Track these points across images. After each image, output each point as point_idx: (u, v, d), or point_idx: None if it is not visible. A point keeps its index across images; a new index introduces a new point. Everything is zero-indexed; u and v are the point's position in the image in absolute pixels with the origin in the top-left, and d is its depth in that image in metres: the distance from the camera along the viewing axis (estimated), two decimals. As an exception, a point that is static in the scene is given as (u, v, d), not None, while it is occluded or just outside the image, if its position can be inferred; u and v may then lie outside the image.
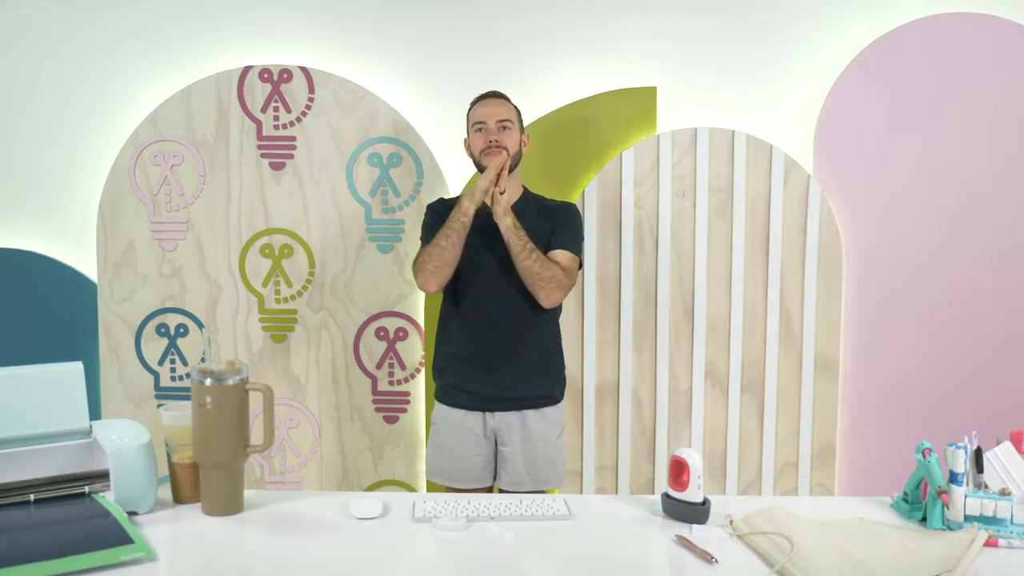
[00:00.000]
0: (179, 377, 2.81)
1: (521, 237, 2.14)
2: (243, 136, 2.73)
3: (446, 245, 2.15)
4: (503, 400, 2.23)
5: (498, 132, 2.25)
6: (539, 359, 2.28)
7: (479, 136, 2.27)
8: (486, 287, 2.24)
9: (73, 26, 2.76)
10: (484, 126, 2.26)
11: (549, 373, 2.31)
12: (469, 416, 2.25)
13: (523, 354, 2.25)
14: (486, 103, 2.30)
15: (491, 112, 2.27)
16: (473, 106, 2.33)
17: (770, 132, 2.71)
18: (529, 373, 2.25)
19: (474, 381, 2.25)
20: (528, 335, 2.26)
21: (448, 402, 2.29)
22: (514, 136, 2.28)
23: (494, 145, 2.23)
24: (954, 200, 2.70)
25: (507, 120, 2.27)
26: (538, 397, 2.26)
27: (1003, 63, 2.64)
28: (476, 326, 2.25)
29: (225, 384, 1.49)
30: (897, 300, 2.73)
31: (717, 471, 2.76)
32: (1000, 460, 1.56)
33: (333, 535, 1.45)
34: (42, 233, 2.80)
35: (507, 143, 2.25)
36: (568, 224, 2.29)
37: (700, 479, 1.52)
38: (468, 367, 2.26)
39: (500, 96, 2.34)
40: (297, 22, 2.75)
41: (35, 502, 1.47)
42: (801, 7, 2.70)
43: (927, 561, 1.33)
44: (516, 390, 2.23)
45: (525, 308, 2.22)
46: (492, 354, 2.23)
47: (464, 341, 2.26)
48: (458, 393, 2.27)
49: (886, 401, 2.74)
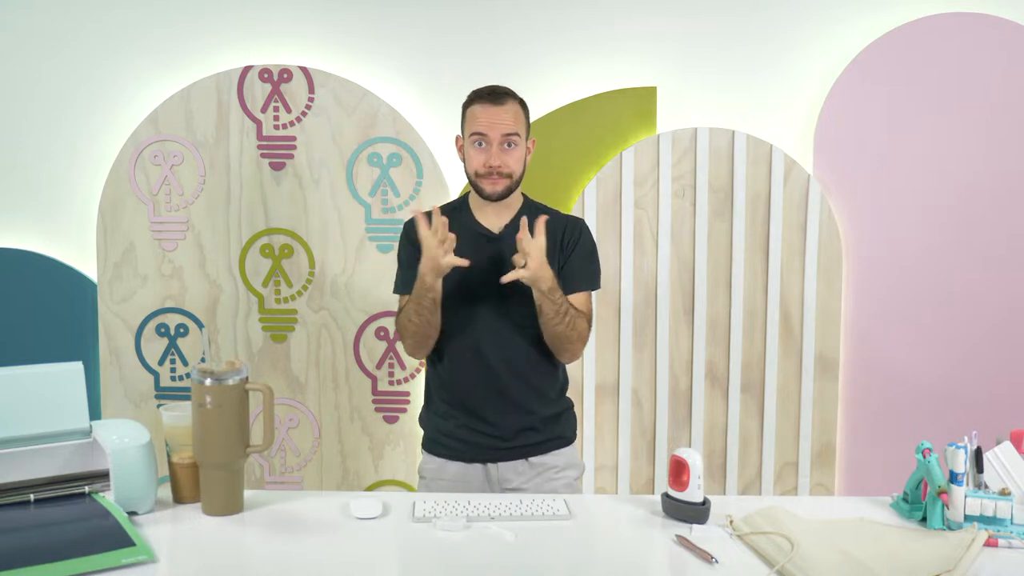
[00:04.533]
0: (179, 377, 2.80)
1: (556, 302, 1.78)
2: (243, 136, 2.73)
3: (419, 322, 1.83)
4: (507, 449, 1.90)
5: (501, 152, 1.84)
6: (546, 400, 1.94)
7: (478, 153, 1.85)
8: (484, 325, 1.88)
9: (73, 26, 2.76)
10: (485, 140, 1.84)
11: (559, 412, 1.97)
12: (468, 468, 1.91)
13: (528, 397, 1.91)
14: (488, 108, 1.85)
15: (495, 123, 1.83)
16: (472, 105, 1.89)
17: (770, 132, 2.71)
18: (536, 416, 1.91)
19: (471, 430, 1.91)
20: (532, 375, 1.91)
21: (440, 454, 1.94)
22: (521, 153, 1.88)
23: (495, 173, 1.84)
24: (954, 200, 2.69)
25: (514, 134, 1.84)
26: (547, 441, 1.93)
27: (1003, 63, 2.64)
28: (472, 368, 1.89)
29: (225, 384, 1.49)
30: (897, 300, 2.73)
31: (717, 471, 2.76)
32: (1000, 460, 1.56)
33: (333, 535, 1.45)
34: (42, 233, 2.80)
35: (512, 166, 1.85)
36: (585, 253, 1.93)
37: (700, 479, 1.52)
38: (463, 414, 1.91)
39: (505, 98, 1.87)
40: (297, 22, 2.75)
41: (35, 502, 1.47)
42: (801, 7, 2.70)
43: (927, 561, 1.33)
44: (522, 437, 1.90)
45: (530, 349, 1.89)
46: (492, 399, 1.89)
47: (458, 384, 1.92)
48: (453, 443, 1.92)
49: (886, 401, 2.74)
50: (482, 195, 1.89)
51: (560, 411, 1.97)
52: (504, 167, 1.85)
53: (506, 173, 1.85)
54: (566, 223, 1.95)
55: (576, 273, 1.91)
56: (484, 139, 1.84)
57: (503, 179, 1.86)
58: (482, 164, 1.85)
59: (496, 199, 1.89)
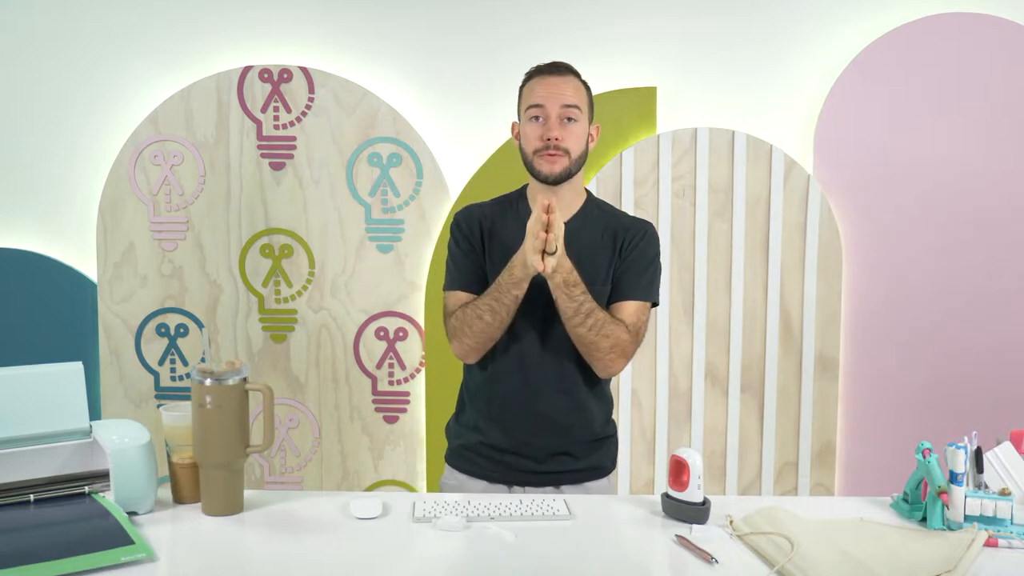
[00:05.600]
0: (179, 377, 2.80)
1: (575, 298, 1.61)
2: (243, 136, 2.73)
3: (492, 322, 1.65)
4: (538, 474, 1.75)
5: (560, 126, 1.67)
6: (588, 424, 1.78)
7: (534, 127, 1.69)
8: (531, 335, 1.72)
9: (73, 26, 2.76)
10: (543, 113, 1.68)
11: (601, 439, 1.81)
12: (492, 489, 1.77)
13: (569, 418, 1.76)
14: (547, 80, 1.70)
15: (554, 93, 1.67)
16: (529, 81, 1.74)
17: (770, 132, 2.71)
18: (574, 440, 1.76)
19: (501, 450, 1.76)
20: (577, 394, 1.75)
21: (464, 469, 1.81)
22: (581, 131, 1.70)
23: (553, 146, 1.67)
24: (954, 200, 2.69)
25: (575, 106, 1.68)
26: (583, 470, 1.78)
27: (1003, 63, 2.64)
28: (513, 380, 1.74)
29: (225, 384, 1.49)
30: (897, 300, 2.73)
31: (717, 471, 2.76)
32: (1000, 460, 1.56)
33: (333, 535, 1.45)
34: (42, 233, 2.80)
35: (571, 144, 1.68)
36: (644, 261, 1.74)
37: (700, 479, 1.51)
38: (496, 429, 1.76)
39: (568, 70, 1.72)
40: (297, 22, 2.75)
41: (35, 502, 1.47)
42: (801, 7, 2.70)
43: (927, 561, 1.33)
44: (556, 463, 1.76)
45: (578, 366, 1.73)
46: (529, 416, 1.74)
47: (495, 396, 1.76)
48: (479, 460, 1.79)
49: (886, 401, 2.74)
50: (538, 177, 1.71)
51: (602, 437, 1.81)
52: (563, 140, 1.66)
53: (564, 148, 1.67)
54: (628, 225, 1.77)
55: (628, 279, 1.73)
56: (542, 112, 1.68)
57: (561, 156, 1.67)
58: (538, 137, 1.68)
59: (554, 181, 1.70)
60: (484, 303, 1.66)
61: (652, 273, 1.76)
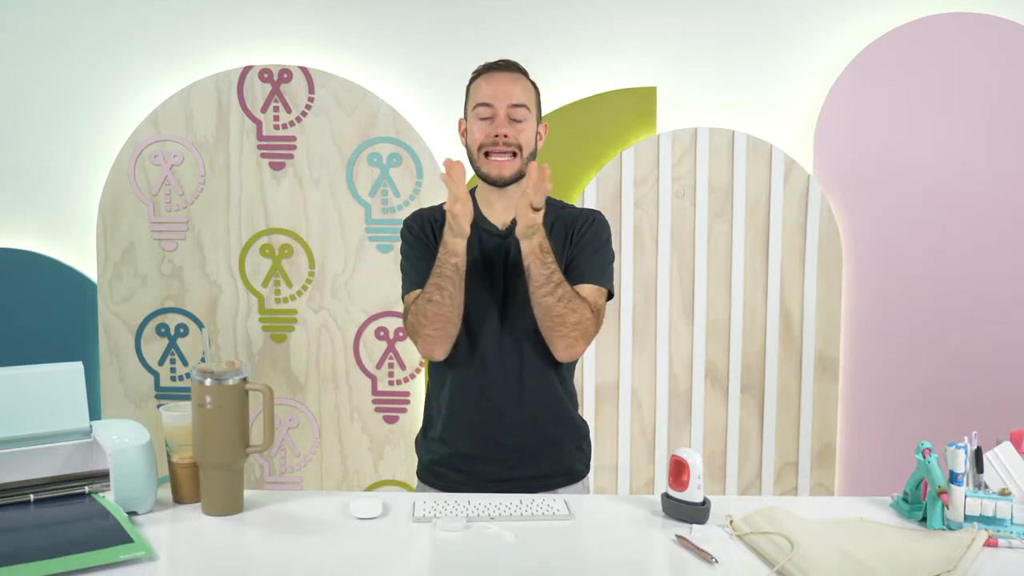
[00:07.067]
0: (179, 377, 2.80)
1: (548, 264, 1.59)
2: (243, 136, 2.73)
3: (443, 300, 1.60)
4: (509, 481, 1.70)
5: (508, 124, 1.67)
6: (556, 424, 1.75)
7: (481, 126, 1.68)
8: (489, 332, 1.70)
9: (73, 26, 2.76)
10: (490, 112, 1.68)
11: (571, 440, 1.78)
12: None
13: (536, 415, 1.72)
14: (494, 77, 1.71)
15: (501, 92, 1.68)
16: (476, 79, 1.75)
17: (770, 132, 2.71)
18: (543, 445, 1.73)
19: (468, 457, 1.74)
20: (541, 395, 1.72)
21: (434, 484, 1.79)
22: (530, 129, 1.70)
23: (502, 143, 1.66)
24: (954, 200, 2.69)
25: (523, 105, 1.68)
26: (556, 475, 1.75)
27: (1003, 63, 2.64)
28: (471, 386, 1.72)
29: (225, 384, 1.49)
30: (897, 300, 2.73)
31: (717, 471, 2.76)
32: (1000, 460, 1.56)
33: (333, 535, 1.45)
34: (42, 233, 2.80)
35: (520, 139, 1.67)
36: (595, 244, 1.73)
37: (700, 479, 1.51)
38: (462, 438, 1.74)
39: (514, 68, 1.73)
40: (297, 22, 2.75)
41: (35, 502, 1.47)
42: (801, 7, 2.70)
43: (927, 561, 1.33)
44: (525, 467, 1.72)
45: (538, 362, 1.71)
46: (495, 418, 1.71)
47: (455, 405, 1.74)
48: (450, 473, 1.76)
49: (886, 401, 2.74)
50: (487, 179, 1.70)
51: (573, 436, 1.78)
52: (511, 138, 1.65)
53: (513, 144, 1.66)
54: (577, 215, 1.77)
55: (580, 262, 1.71)
56: (489, 111, 1.68)
57: (510, 155, 1.67)
58: (486, 135, 1.67)
59: (503, 184, 1.69)
60: (430, 285, 1.63)
61: (603, 256, 1.74)
